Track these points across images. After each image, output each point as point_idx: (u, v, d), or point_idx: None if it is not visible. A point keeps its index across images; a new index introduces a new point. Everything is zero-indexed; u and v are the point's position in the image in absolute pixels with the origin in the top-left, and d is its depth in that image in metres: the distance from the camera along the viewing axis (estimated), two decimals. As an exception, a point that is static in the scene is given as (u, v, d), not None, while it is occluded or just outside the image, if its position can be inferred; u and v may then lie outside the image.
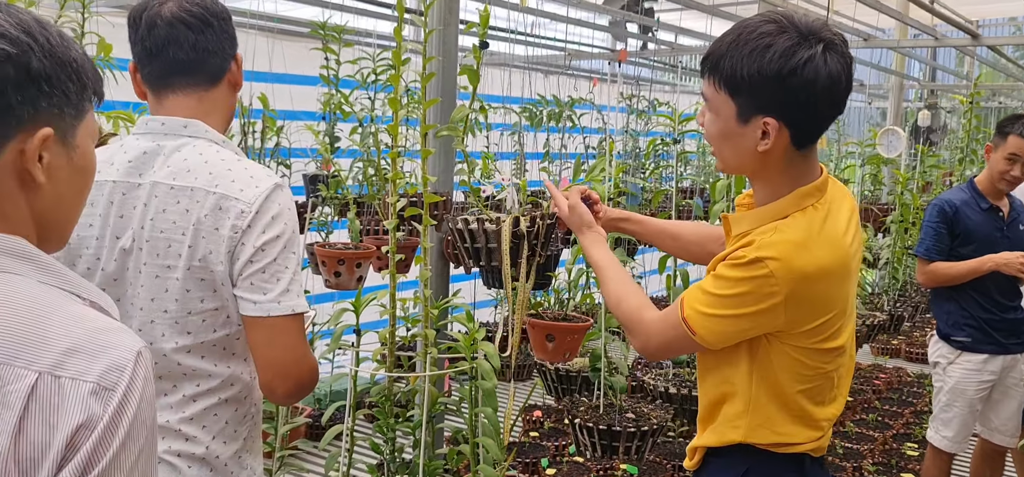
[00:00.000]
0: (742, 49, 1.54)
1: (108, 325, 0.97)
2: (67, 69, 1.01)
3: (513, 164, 5.67)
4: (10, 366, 0.90)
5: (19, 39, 0.96)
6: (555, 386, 3.38)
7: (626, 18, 5.81)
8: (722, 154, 1.67)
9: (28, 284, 0.97)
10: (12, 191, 0.99)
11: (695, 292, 1.65)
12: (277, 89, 4.56)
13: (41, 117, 0.99)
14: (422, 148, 2.70)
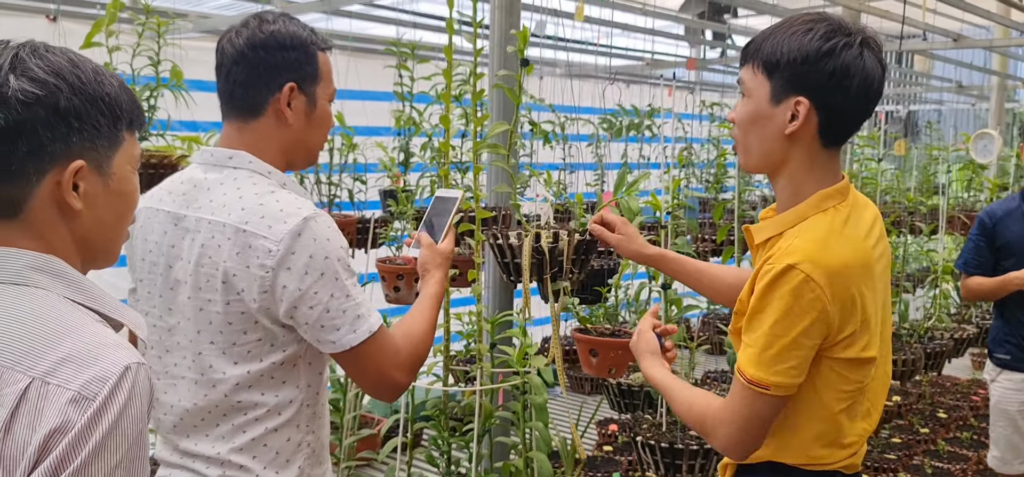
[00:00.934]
0: (784, 32, 1.59)
1: (109, 341, 1.03)
2: (98, 104, 1.09)
3: (547, 181, 5.64)
4: (12, 370, 0.99)
5: (47, 81, 1.04)
6: (617, 401, 3.35)
7: (701, 26, 5.72)
8: (747, 142, 1.67)
9: (50, 298, 1.06)
10: (52, 218, 1.09)
11: (744, 352, 1.60)
12: (352, 105, 4.68)
13: (73, 151, 1.07)
14: (474, 163, 2.73)
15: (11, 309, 1.05)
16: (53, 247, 1.10)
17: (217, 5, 5.44)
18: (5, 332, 1.03)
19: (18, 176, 1.05)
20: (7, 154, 1.04)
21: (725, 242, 3.41)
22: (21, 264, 1.07)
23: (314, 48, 1.73)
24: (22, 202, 1.07)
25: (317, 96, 1.74)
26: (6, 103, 1.02)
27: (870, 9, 4.88)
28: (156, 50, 3.26)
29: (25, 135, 1.04)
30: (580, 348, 2.45)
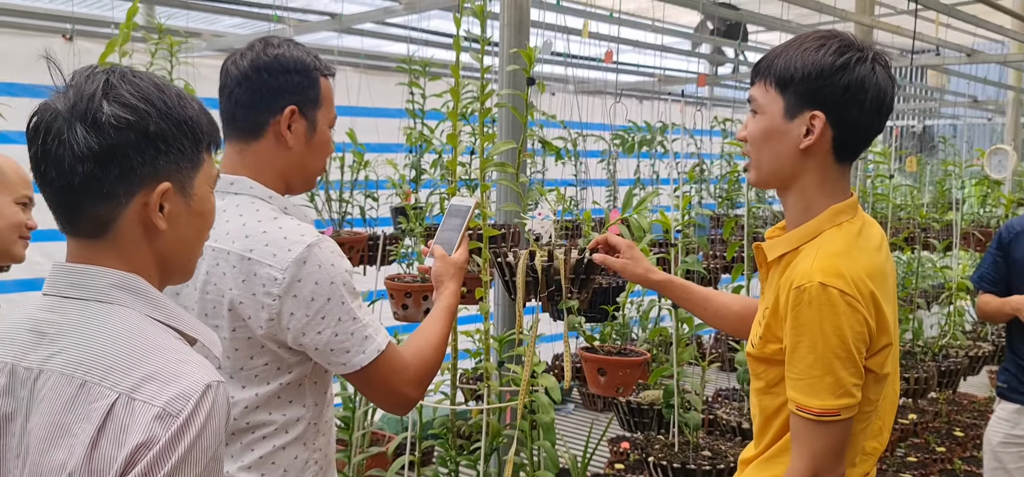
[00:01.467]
0: (796, 49, 1.59)
1: (189, 358, 1.09)
2: (183, 127, 1.14)
3: (549, 200, 5.64)
4: (99, 386, 1.04)
5: (137, 107, 1.09)
6: (627, 419, 3.33)
7: (713, 42, 5.71)
8: (759, 158, 1.66)
9: (133, 316, 1.12)
10: (137, 238, 1.14)
11: (796, 386, 1.55)
12: (364, 122, 4.70)
13: (160, 173, 1.12)
14: (481, 181, 2.73)
15: (98, 326, 1.10)
16: (136, 265, 1.15)
17: (230, 24, 5.48)
18: (93, 348, 1.07)
19: (109, 197, 1.10)
20: (100, 177, 1.08)
21: (735, 258, 3.39)
22: (107, 282, 1.12)
23: (317, 73, 1.75)
24: (111, 222, 1.12)
25: (318, 121, 1.76)
26: (100, 128, 1.07)
27: (882, 25, 4.86)
28: (169, 69, 3.28)
29: (117, 158, 1.08)
30: (587, 367, 2.44)
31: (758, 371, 1.68)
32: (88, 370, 1.06)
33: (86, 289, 1.12)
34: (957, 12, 4.72)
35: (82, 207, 1.11)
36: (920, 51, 5.94)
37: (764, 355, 1.64)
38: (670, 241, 2.92)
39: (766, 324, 1.63)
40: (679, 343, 2.84)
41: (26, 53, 4.72)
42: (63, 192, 1.10)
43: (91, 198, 1.10)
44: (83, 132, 1.07)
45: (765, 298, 1.70)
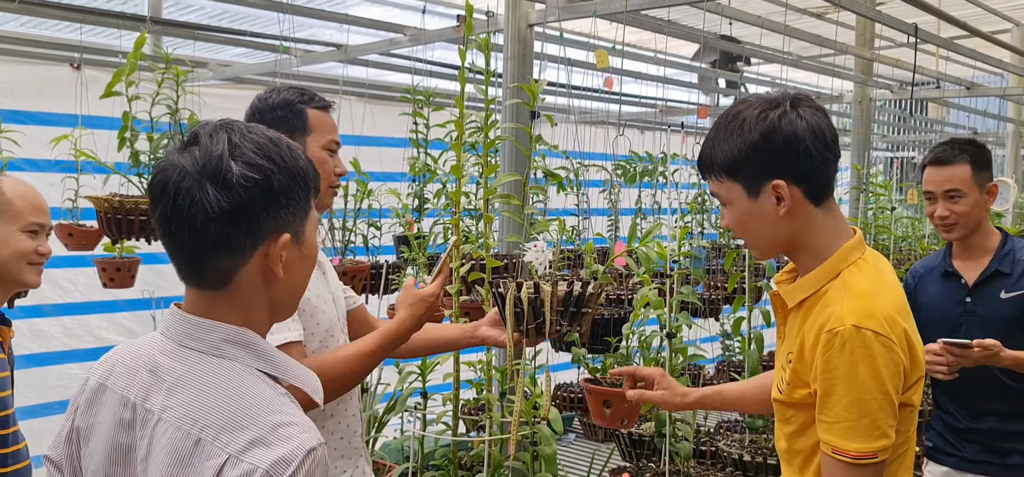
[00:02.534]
0: (721, 135, 1.62)
1: (294, 420, 1.14)
2: (297, 179, 1.20)
3: (544, 233, 5.66)
4: (212, 445, 1.10)
5: (263, 166, 1.16)
6: (628, 450, 3.33)
7: (714, 74, 5.76)
8: (751, 237, 1.68)
9: (241, 371, 1.17)
10: (257, 286, 1.20)
11: (832, 430, 1.53)
12: (367, 151, 4.74)
13: (282, 224, 1.19)
14: (484, 212, 2.75)
15: (212, 382, 1.15)
16: (251, 312, 1.21)
17: (236, 53, 5.53)
18: (208, 405, 1.13)
19: (236, 251, 1.16)
20: (230, 233, 1.14)
21: (736, 290, 3.40)
22: (218, 337, 1.18)
23: (300, 106, 2.00)
24: (234, 273, 1.18)
25: (308, 145, 1.96)
26: (230, 188, 1.13)
27: (882, 58, 4.90)
28: (175, 99, 3.32)
29: (247, 216, 1.14)
30: (591, 399, 2.44)
31: (787, 416, 1.67)
32: (203, 428, 1.12)
33: (202, 342, 1.18)
34: (956, 45, 4.75)
35: (208, 261, 1.16)
36: (920, 83, 5.97)
37: (793, 400, 1.63)
38: (667, 272, 2.94)
39: (792, 370, 1.62)
40: (672, 373, 2.85)
41: (34, 82, 4.78)
42: (194, 250, 1.16)
43: (219, 252, 1.15)
44: (214, 192, 1.12)
45: (787, 344, 1.69)
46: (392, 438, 4.70)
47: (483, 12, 4.13)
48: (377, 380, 3.42)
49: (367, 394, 3.39)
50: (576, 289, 2.08)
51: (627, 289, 3.92)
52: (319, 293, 2.03)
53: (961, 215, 2.66)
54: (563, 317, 2.08)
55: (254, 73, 5.20)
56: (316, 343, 2.00)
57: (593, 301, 2.10)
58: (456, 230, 2.64)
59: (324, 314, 2.03)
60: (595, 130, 5.87)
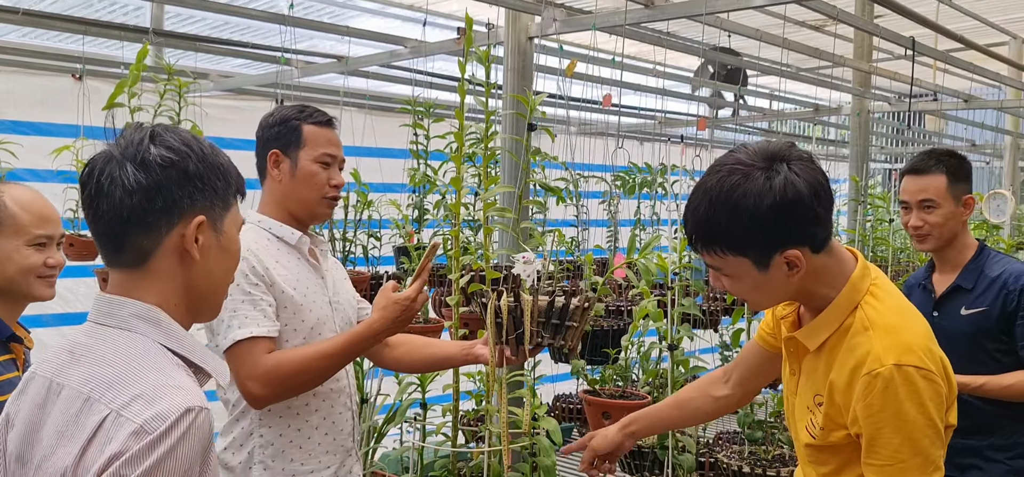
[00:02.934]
0: (719, 211, 1.52)
1: (180, 384, 1.21)
2: (216, 171, 1.31)
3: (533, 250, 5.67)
4: (99, 402, 1.18)
5: (180, 149, 1.27)
6: (629, 462, 3.34)
7: (714, 86, 5.79)
8: (756, 300, 1.64)
9: (143, 342, 1.25)
10: (172, 267, 1.29)
11: (885, 472, 1.49)
12: (368, 162, 4.75)
13: (197, 208, 1.28)
14: (483, 224, 2.77)
15: (111, 348, 1.24)
16: (167, 294, 1.29)
17: (237, 64, 5.56)
18: (100, 368, 1.22)
19: (153, 228, 1.26)
20: (146, 209, 1.24)
21: (735, 302, 3.42)
22: (128, 312, 1.27)
23: (296, 122, 2.19)
24: (151, 252, 1.27)
25: (300, 159, 2.18)
26: (148, 167, 1.24)
27: (880, 70, 4.93)
28: (177, 110, 3.33)
29: (162, 192, 1.25)
30: (590, 411, 2.46)
31: (823, 458, 1.63)
32: (93, 388, 1.20)
33: (113, 317, 1.27)
34: (952, 58, 4.78)
35: (128, 237, 1.26)
36: (918, 96, 6.00)
37: (830, 443, 1.59)
38: (667, 284, 2.95)
39: (825, 413, 1.57)
40: (674, 385, 2.86)
41: (37, 92, 4.79)
42: (113, 223, 1.25)
43: (135, 228, 1.25)
44: (133, 169, 1.24)
45: (811, 382, 1.64)
46: (391, 449, 4.72)
47: (483, 24, 4.16)
48: (377, 391, 3.43)
49: (367, 405, 3.40)
50: (558, 301, 2.07)
51: (627, 301, 3.93)
52: (306, 293, 2.16)
53: (934, 226, 2.62)
54: (545, 329, 2.07)
55: (255, 84, 5.22)
56: (299, 339, 2.12)
57: (578, 315, 2.07)
58: (456, 241, 2.66)
59: (310, 312, 2.15)
60: (594, 141, 5.89)
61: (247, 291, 2.04)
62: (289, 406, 2.12)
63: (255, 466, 2.10)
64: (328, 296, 2.23)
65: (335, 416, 2.20)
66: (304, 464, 2.13)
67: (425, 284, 2.15)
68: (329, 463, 2.18)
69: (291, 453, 2.12)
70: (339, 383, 2.22)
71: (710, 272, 1.66)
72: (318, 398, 2.16)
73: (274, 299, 2.09)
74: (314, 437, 2.15)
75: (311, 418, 2.14)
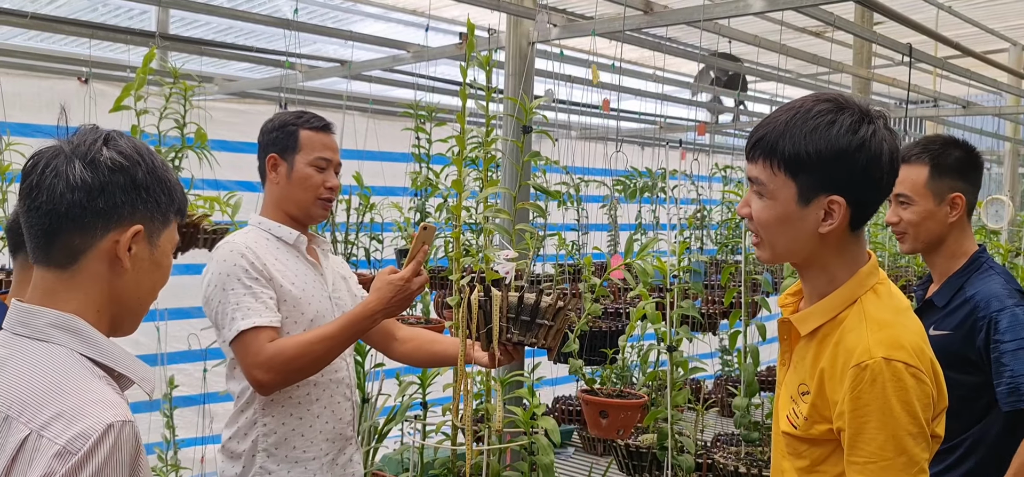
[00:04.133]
0: (803, 127, 1.47)
1: (100, 398, 1.17)
2: (162, 185, 1.30)
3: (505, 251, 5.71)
4: (16, 421, 1.15)
5: (131, 156, 1.26)
6: (626, 462, 3.37)
7: (714, 92, 5.83)
8: (773, 242, 1.55)
9: (62, 353, 1.22)
10: (101, 273, 1.26)
11: (867, 469, 1.45)
12: (370, 166, 4.80)
13: (137, 217, 1.27)
14: (484, 226, 2.81)
15: (27, 363, 1.20)
16: (90, 300, 1.26)
17: (241, 68, 5.61)
18: (17, 384, 1.18)
19: (88, 228, 1.24)
20: (86, 206, 1.22)
21: (733, 304, 3.45)
22: (44, 322, 1.23)
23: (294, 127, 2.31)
24: (81, 253, 1.24)
25: (296, 163, 2.29)
26: (96, 167, 1.23)
27: (879, 77, 4.97)
28: (182, 113, 3.38)
29: (105, 194, 1.23)
30: (588, 410, 2.49)
31: (800, 450, 1.57)
32: (11, 406, 1.17)
33: (29, 327, 1.23)
34: (950, 65, 4.82)
35: (60, 234, 1.23)
36: (917, 102, 6.04)
37: (811, 436, 1.54)
38: (666, 286, 2.99)
39: (811, 404, 1.53)
40: (673, 386, 2.89)
41: (42, 95, 4.84)
42: (47, 216, 1.22)
43: (71, 225, 1.23)
44: (81, 167, 1.22)
45: (798, 373, 1.60)
46: (392, 450, 4.75)
47: (485, 29, 4.21)
48: (378, 391, 3.47)
49: (368, 405, 3.44)
50: (528, 298, 2.06)
51: (625, 303, 3.97)
52: (305, 288, 2.26)
53: (909, 224, 2.31)
54: (514, 325, 2.07)
55: (259, 88, 5.27)
56: (299, 331, 2.21)
57: (551, 313, 2.05)
58: (457, 243, 2.69)
59: (309, 306, 2.25)
60: (595, 146, 5.93)
61: (248, 285, 2.13)
62: (291, 396, 2.21)
63: (259, 453, 2.20)
64: (327, 292, 2.34)
65: (335, 405, 2.29)
66: (306, 451, 2.23)
67: (420, 267, 2.21)
68: (329, 450, 2.27)
69: (293, 440, 2.21)
70: (339, 374, 2.31)
71: (747, 194, 1.59)
72: (318, 388, 2.25)
73: (274, 293, 2.18)
74: (315, 426, 2.24)
75: (312, 407, 2.24)
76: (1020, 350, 2.12)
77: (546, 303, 2.08)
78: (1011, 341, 2.13)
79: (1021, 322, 2.14)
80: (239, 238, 2.23)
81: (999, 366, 2.14)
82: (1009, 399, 2.12)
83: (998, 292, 2.20)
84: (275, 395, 2.19)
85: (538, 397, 2.76)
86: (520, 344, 2.10)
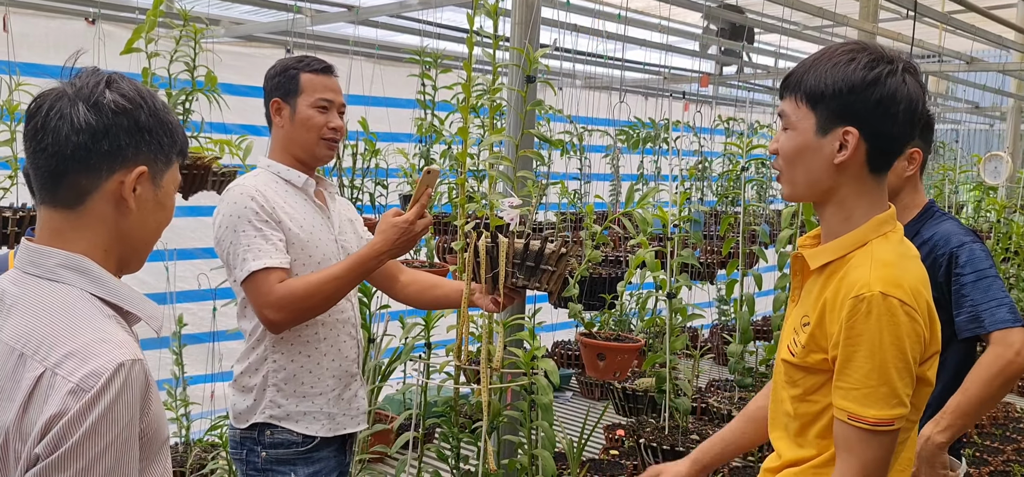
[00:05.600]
0: (826, 64, 1.59)
1: (111, 337, 1.22)
2: (164, 127, 1.33)
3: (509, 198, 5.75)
4: (32, 358, 1.20)
5: (134, 99, 1.29)
6: (622, 405, 3.47)
7: (718, 43, 5.83)
8: (792, 175, 1.66)
9: (73, 293, 1.26)
10: (107, 213, 1.30)
11: (849, 396, 1.53)
12: (375, 112, 4.83)
13: (140, 159, 1.30)
14: (489, 173, 2.87)
15: (39, 301, 1.25)
16: (97, 240, 1.30)
17: (246, 10, 5.61)
18: (31, 323, 1.23)
19: (93, 170, 1.27)
20: (91, 148, 1.25)
21: (731, 254, 3.53)
22: (54, 262, 1.27)
23: (294, 70, 2.35)
24: (87, 194, 1.28)
25: (298, 106, 2.36)
26: (100, 109, 1.26)
27: (884, 31, 4.98)
28: (192, 56, 3.41)
29: (110, 136, 1.26)
30: (586, 352, 2.58)
31: (795, 378, 1.66)
32: (26, 344, 1.21)
33: (40, 267, 1.27)
34: (955, 20, 4.82)
35: (66, 175, 1.26)
36: (921, 58, 6.04)
37: (806, 364, 1.63)
38: (667, 235, 3.05)
39: (810, 333, 1.61)
40: (672, 332, 2.97)
41: (50, 35, 4.87)
42: (54, 158, 1.25)
43: (77, 166, 1.26)
44: (85, 110, 1.25)
45: (802, 306, 1.69)
46: (395, 390, 4.86)
47: (491, -23, 4.20)
48: (383, 332, 3.56)
49: (373, 345, 3.53)
50: (533, 244, 2.16)
51: (625, 251, 4.04)
52: (312, 232, 2.34)
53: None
54: (520, 270, 2.16)
55: (266, 31, 5.28)
56: (307, 272, 2.29)
57: (554, 259, 2.15)
58: (461, 189, 2.75)
59: (317, 248, 2.33)
60: (598, 95, 5.96)
61: (258, 227, 2.22)
62: (299, 335, 2.31)
63: (269, 388, 2.31)
64: (334, 234, 2.42)
65: (341, 344, 2.40)
66: (313, 387, 2.34)
67: (424, 209, 2.26)
68: (335, 386, 2.38)
69: (301, 376, 2.32)
70: (344, 314, 2.42)
71: (776, 133, 1.69)
72: (326, 327, 2.35)
73: (283, 234, 2.26)
74: (322, 363, 2.35)
75: (320, 346, 2.34)
76: (979, 281, 2.29)
77: (550, 250, 2.17)
78: (971, 273, 2.30)
79: (978, 256, 2.32)
80: (249, 181, 2.30)
81: (960, 297, 2.31)
82: (969, 326, 2.30)
83: (954, 230, 2.38)
84: (284, 334, 2.29)
85: (539, 340, 2.84)
86: (524, 288, 2.19)
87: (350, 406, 2.44)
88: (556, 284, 2.18)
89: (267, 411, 2.31)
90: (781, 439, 1.73)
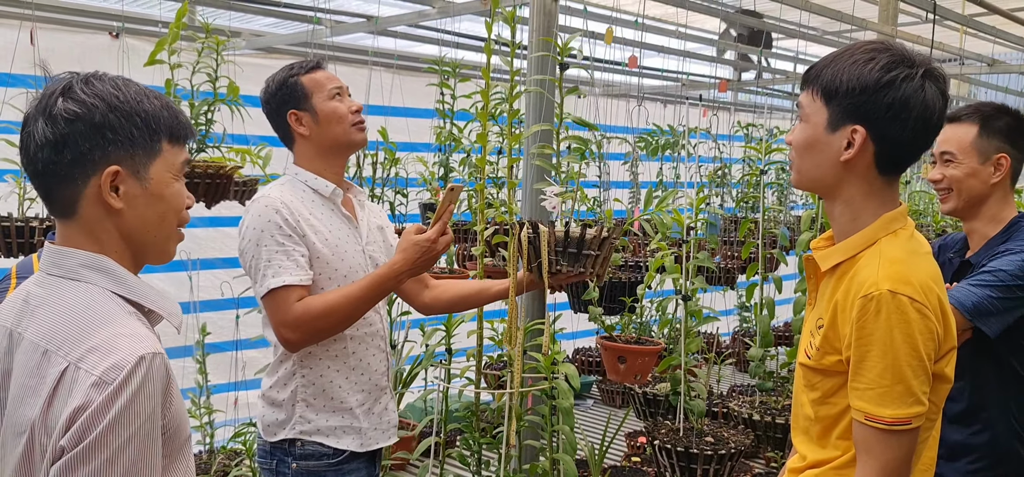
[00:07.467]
0: (845, 60, 1.58)
1: (131, 332, 1.25)
2: (133, 119, 1.29)
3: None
4: (56, 353, 1.23)
5: (86, 102, 1.26)
6: (643, 409, 3.47)
7: (737, 49, 5.82)
8: (801, 165, 1.67)
9: (93, 291, 1.29)
10: (100, 217, 1.30)
11: (865, 396, 1.52)
12: (395, 122, 4.87)
13: (110, 159, 1.28)
14: (508, 179, 2.88)
15: (63, 300, 1.27)
16: (104, 244, 1.32)
17: (267, 23, 5.67)
18: (55, 320, 1.26)
19: (68, 180, 1.27)
20: (56, 161, 1.26)
21: (750, 258, 3.52)
22: (76, 262, 1.30)
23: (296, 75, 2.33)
24: (74, 203, 1.29)
25: (316, 105, 2.32)
26: (54, 120, 1.26)
27: (904, 34, 4.96)
28: (214, 67, 3.46)
29: (69, 145, 1.26)
30: (607, 355, 2.58)
31: (814, 381, 1.66)
32: (50, 340, 1.24)
33: (62, 267, 1.30)
34: (976, 23, 4.79)
35: (50, 189, 1.29)
36: (942, 60, 6.01)
37: (823, 367, 1.62)
38: (684, 238, 3.06)
39: (823, 335, 1.61)
40: (687, 335, 2.97)
41: (75, 49, 4.94)
42: (34, 176, 1.29)
43: (52, 180, 1.27)
44: (43, 124, 1.26)
45: (817, 309, 1.69)
46: (416, 396, 4.88)
47: (509, -15, 4.23)
48: (403, 340, 3.58)
49: (394, 352, 3.55)
50: (574, 230, 2.16)
51: (645, 256, 4.04)
52: (338, 245, 2.31)
53: (952, 181, 2.30)
54: (562, 257, 2.16)
55: (286, 43, 5.34)
56: (333, 286, 2.26)
57: (597, 244, 2.16)
58: (481, 196, 2.77)
59: (343, 262, 2.29)
60: (616, 104, 5.96)
61: (280, 242, 2.19)
62: (327, 349, 2.28)
63: (298, 403, 2.28)
64: (362, 245, 2.38)
65: (370, 357, 2.36)
66: (343, 401, 2.30)
67: (446, 226, 2.25)
68: (365, 400, 2.34)
69: (331, 391, 2.29)
70: (373, 327, 2.38)
71: (793, 128, 1.70)
72: (354, 341, 2.32)
73: (307, 249, 2.23)
74: (351, 377, 2.31)
75: (348, 360, 2.31)
76: None
77: (591, 235, 2.17)
78: None
79: None
80: (275, 192, 2.26)
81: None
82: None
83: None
84: (312, 348, 2.26)
85: (559, 344, 2.85)
86: (567, 275, 2.20)
87: (380, 420, 2.40)
88: (602, 268, 2.19)
89: (297, 426, 2.28)
90: (803, 443, 1.72)
